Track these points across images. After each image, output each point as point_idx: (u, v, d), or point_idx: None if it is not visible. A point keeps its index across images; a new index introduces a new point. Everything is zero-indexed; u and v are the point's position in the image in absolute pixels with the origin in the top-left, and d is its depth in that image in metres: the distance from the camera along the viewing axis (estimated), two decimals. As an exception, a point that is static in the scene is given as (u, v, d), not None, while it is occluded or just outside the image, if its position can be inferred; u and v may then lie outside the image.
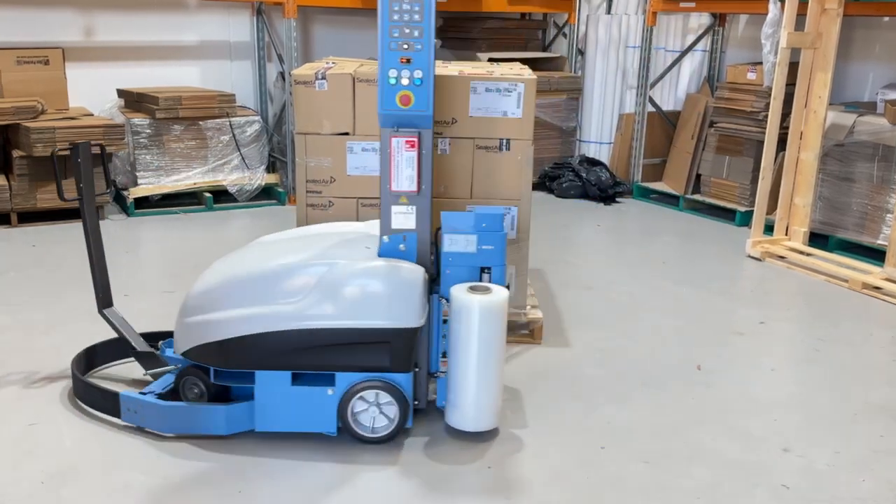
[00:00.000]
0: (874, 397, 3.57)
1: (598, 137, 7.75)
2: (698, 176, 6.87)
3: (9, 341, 3.87)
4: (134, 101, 6.47)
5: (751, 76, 6.29)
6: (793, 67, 5.43)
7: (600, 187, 7.12)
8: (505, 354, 3.10)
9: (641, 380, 3.67)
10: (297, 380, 3.03)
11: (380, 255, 3.06)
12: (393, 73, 2.89)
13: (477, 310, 2.94)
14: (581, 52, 7.92)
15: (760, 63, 6.15)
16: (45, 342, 3.86)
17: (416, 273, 2.98)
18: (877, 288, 4.87)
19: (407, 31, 2.86)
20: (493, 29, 7.68)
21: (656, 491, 2.82)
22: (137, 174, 6.23)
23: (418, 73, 2.88)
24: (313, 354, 2.97)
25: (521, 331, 4.10)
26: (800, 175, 5.58)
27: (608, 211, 6.89)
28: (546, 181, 7.44)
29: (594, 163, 7.40)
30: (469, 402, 3.03)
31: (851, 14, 5.47)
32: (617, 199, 7.19)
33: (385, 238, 3.06)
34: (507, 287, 3.15)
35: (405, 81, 2.89)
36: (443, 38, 8.10)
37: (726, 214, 6.51)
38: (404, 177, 2.97)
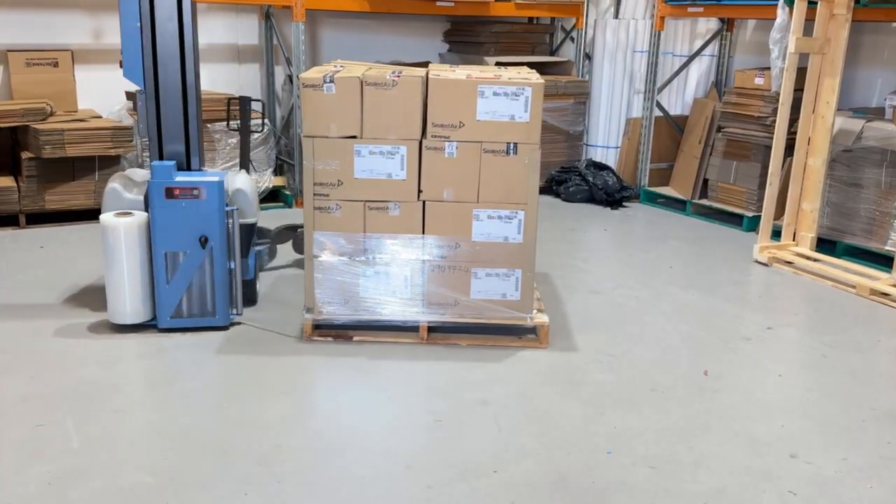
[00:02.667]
0: (882, 403, 3.55)
1: (605, 142, 7.75)
2: (705, 181, 6.86)
3: (16, 343, 3.88)
4: (142, 103, 6.48)
5: (759, 81, 6.29)
6: (801, 73, 5.42)
7: (607, 192, 7.11)
8: (147, 264, 3.92)
9: (648, 385, 3.66)
10: None
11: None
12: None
13: (122, 229, 3.86)
14: (588, 57, 7.92)
15: (768, 68, 6.13)
16: (52, 344, 3.88)
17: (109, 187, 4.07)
18: (884, 294, 4.85)
19: None
20: (500, 33, 7.68)
21: (663, 496, 2.81)
22: (145, 176, 6.26)
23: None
24: None
25: (527, 334, 4.10)
26: (807, 180, 5.57)
27: (615, 215, 6.88)
28: (553, 185, 7.45)
29: (601, 167, 7.40)
30: (126, 302, 3.93)
31: (860, 19, 5.45)
32: (624, 204, 7.19)
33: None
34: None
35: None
36: (450, 42, 8.12)
37: (733, 219, 6.50)
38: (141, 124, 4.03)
